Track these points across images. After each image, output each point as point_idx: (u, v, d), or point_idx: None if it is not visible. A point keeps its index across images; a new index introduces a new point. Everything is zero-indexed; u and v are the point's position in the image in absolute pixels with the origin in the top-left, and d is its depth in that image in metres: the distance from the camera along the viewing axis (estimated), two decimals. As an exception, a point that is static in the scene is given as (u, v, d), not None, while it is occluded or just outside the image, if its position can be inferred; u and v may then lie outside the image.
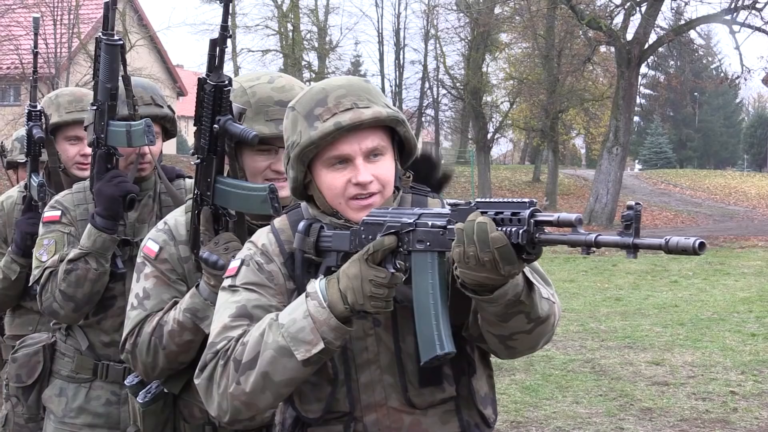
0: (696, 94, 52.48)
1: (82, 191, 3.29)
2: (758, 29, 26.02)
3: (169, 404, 2.75)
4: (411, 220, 1.96)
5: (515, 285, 1.88)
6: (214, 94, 2.50)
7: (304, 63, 37.85)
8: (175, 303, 2.62)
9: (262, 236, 2.22)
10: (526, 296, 1.92)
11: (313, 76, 37.21)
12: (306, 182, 2.15)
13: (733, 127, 60.94)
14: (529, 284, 1.93)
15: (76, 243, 3.16)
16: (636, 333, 10.00)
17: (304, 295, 2.01)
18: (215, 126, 2.50)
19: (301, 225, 2.13)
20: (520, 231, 1.77)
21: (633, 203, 1.70)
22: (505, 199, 1.86)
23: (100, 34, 3.09)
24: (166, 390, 2.72)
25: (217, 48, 2.51)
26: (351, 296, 1.94)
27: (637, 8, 26.40)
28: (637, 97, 36.87)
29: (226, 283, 2.18)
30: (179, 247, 2.68)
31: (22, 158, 4.18)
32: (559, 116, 34.14)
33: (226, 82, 2.50)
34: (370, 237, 2.01)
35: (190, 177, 3.35)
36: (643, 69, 37.38)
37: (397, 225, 1.97)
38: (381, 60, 42.69)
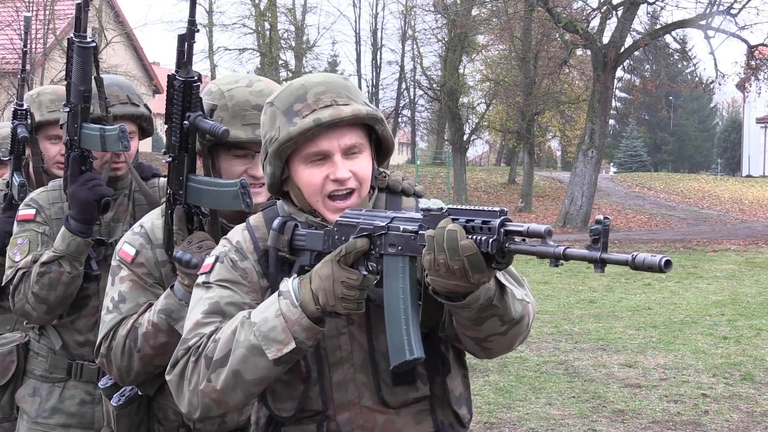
0: (671, 98, 52.86)
1: (57, 189, 3.25)
2: (732, 35, 26.25)
3: (144, 407, 2.72)
4: (383, 224, 1.96)
5: (487, 290, 1.88)
6: (183, 91, 2.46)
7: (281, 62, 37.78)
8: (150, 306, 2.58)
9: (237, 233, 2.21)
10: (498, 300, 1.92)
11: (290, 75, 37.12)
12: (283, 178, 2.13)
13: (707, 132, 61.45)
14: (501, 287, 1.94)
15: (50, 242, 3.12)
16: (609, 335, 10.05)
17: (276, 293, 2.00)
18: (185, 123, 2.47)
19: (276, 223, 2.12)
20: (490, 240, 1.77)
21: (601, 218, 1.69)
22: (477, 207, 1.84)
23: (72, 35, 3.05)
24: (140, 392, 2.69)
25: (185, 44, 2.48)
26: (322, 297, 1.93)
27: (614, 12, 26.57)
28: (613, 100, 37.06)
29: (200, 279, 2.17)
30: (156, 251, 2.63)
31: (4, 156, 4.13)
32: (535, 118, 34.25)
33: (195, 78, 2.47)
34: (343, 238, 2.00)
35: (165, 176, 3.30)
36: (619, 72, 37.61)
37: (369, 227, 1.97)
38: (358, 60, 42.72)
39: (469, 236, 1.79)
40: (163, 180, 3.30)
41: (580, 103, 34.14)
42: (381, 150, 2.19)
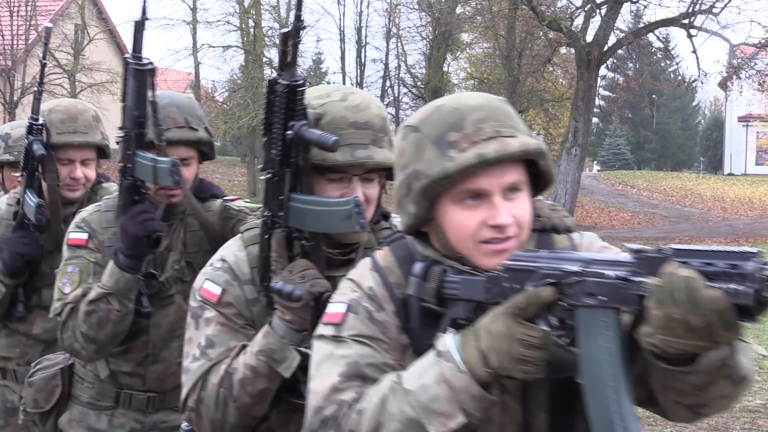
0: (654, 96, 53.07)
1: (111, 210, 2.99)
2: (715, 34, 26.40)
3: None
4: (576, 268, 1.60)
5: (719, 348, 1.54)
6: (287, 96, 2.15)
7: (265, 60, 37.70)
8: (244, 348, 2.24)
9: (366, 276, 1.86)
10: (730, 357, 1.58)
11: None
12: (427, 218, 1.79)
13: (689, 130, 61.74)
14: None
15: (101, 273, 2.90)
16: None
17: (433, 354, 1.67)
18: (288, 133, 2.15)
19: (418, 268, 1.79)
20: (746, 290, 1.40)
21: None
22: (715, 248, 1.47)
23: (128, 55, 2.82)
24: None
25: (289, 42, 2.17)
26: (495, 359, 1.60)
27: (597, 10, 26.66)
28: (596, 98, 37.24)
29: (328, 331, 1.82)
30: (245, 288, 2.28)
31: (5, 158, 4.00)
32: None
33: (301, 81, 2.15)
34: (516, 286, 1.66)
35: (223, 196, 3.08)
36: (603, 71, 37.76)
37: (557, 273, 1.62)
38: (342, 58, 42.70)
39: (712, 285, 1.43)
40: (217, 202, 3.06)
41: (563, 101, 34.24)
42: (537, 184, 1.84)
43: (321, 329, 1.84)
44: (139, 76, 2.81)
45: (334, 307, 1.84)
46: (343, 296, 1.85)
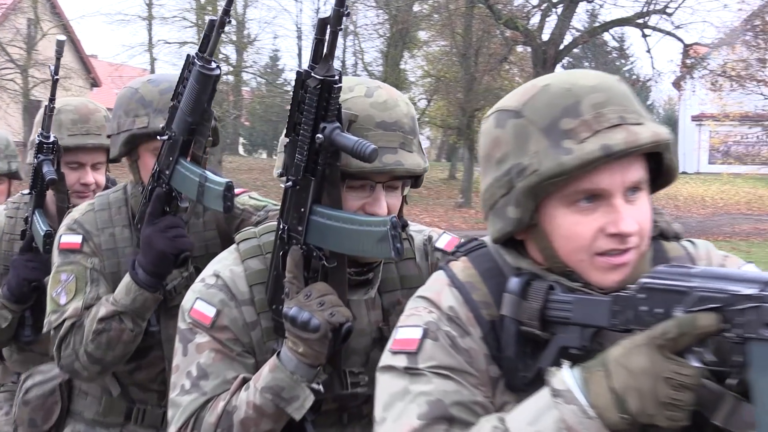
0: (609, 95, 53.68)
1: (106, 209, 2.70)
2: (668, 33, 26.74)
3: None
4: (750, 291, 1.25)
5: None
6: (320, 93, 1.82)
7: (221, 56, 37.50)
8: (244, 381, 1.95)
9: (444, 293, 1.55)
10: None
11: (231, 69, 36.92)
12: (531, 224, 1.49)
13: (643, 129, 62.63)
14: None
15: (100, 279, 2.62)
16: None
17: (548, 393, 1.35)
18: (318, 136, 1.82)
19: (515, 283, 1.49)
20: None
21: None
22: None
23: (194, 54, 2.47)
24: None
25: (327, 32, 1.84)
26: (635, 402, 1.27)
27: (553, 10, 26.91)
28: (552, 97, 37.52)
29: (400, 362, 1.51)
30: (243, 309, 1.99)
31: None
32: (475, 114, 34.47)
33: (336, 77, 1.82)
34: (659, 311, 1.32)
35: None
36: (558, 69, 38.10)
37: (721, 296, 1.27)
38: (299, 55, 42.60)
39: None
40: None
41: (520, 99, 34.44)
42: (655, 183, 1.56)
43: (389, 359, 1.53)
44: (202, 80, 2.41)
45: (407, 332, 1.53)
46: (416, 318, 1.54)
